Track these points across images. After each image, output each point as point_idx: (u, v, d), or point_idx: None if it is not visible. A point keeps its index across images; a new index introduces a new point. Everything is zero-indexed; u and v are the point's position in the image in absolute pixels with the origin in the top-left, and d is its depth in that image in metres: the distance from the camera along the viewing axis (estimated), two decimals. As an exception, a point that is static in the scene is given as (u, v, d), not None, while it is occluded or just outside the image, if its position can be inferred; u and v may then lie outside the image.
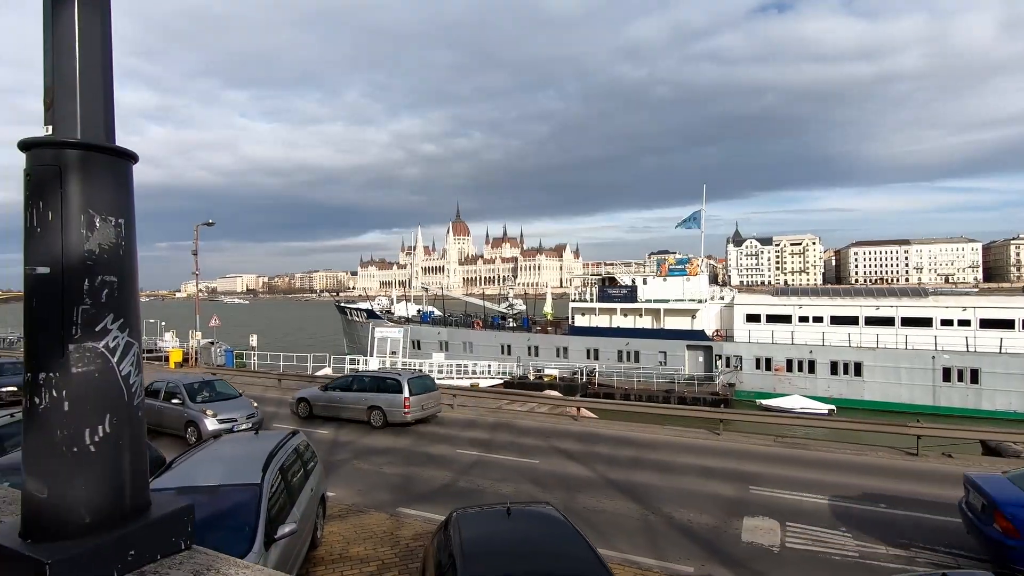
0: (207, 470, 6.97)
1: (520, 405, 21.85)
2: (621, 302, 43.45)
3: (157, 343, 49.36)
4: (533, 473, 12.27)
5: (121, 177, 1.71)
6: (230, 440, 8.50)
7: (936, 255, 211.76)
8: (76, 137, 1.63)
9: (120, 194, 1.69)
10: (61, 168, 1.58)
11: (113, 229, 1.64)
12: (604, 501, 10.37)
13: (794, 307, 37.94)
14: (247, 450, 7.88)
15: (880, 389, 34.44)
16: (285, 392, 23.46)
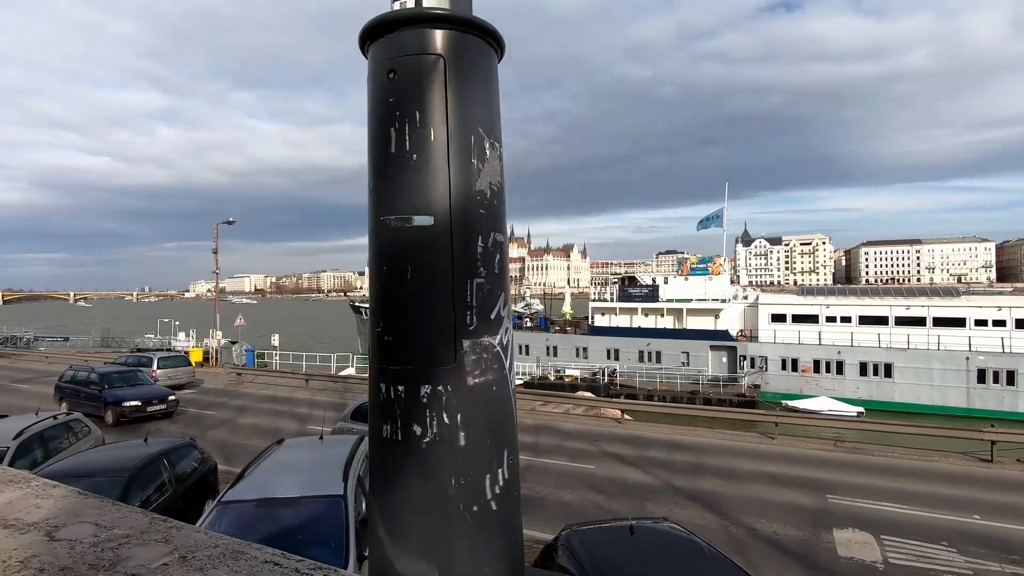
0: (282, 479, 6.43)
1: (554, 407, 21.28)
2: (642, 302, 42.82)
3: (171, 343, 49.15)
4: (590, 479, 11.68)
5: (493, 81, 1.10)
6: (296, 445, 7.95)
7: (948, 255, 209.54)
8: (455, 12, 1.00)
9: (493, 105, 1.08)
10: (445, 61, 0.98)
11: (498, 161, 1.06)
12: (676, 511, 9.77)
13: (821, 307, 37.19)
14: (319, 457, 7.35)
15: (911, 391, 33.66)
16: (315, 393, 22.98)
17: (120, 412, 17.19)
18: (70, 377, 19.48)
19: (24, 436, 9.29)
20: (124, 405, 17.35)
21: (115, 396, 17.59)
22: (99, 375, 18.68)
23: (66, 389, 19.07)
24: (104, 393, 17.74)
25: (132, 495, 7.18)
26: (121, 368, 20.44)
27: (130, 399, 17.58)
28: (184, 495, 8.26)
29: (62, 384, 19.44)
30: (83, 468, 7.51)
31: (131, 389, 18.31)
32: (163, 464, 8.11)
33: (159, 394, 18.48)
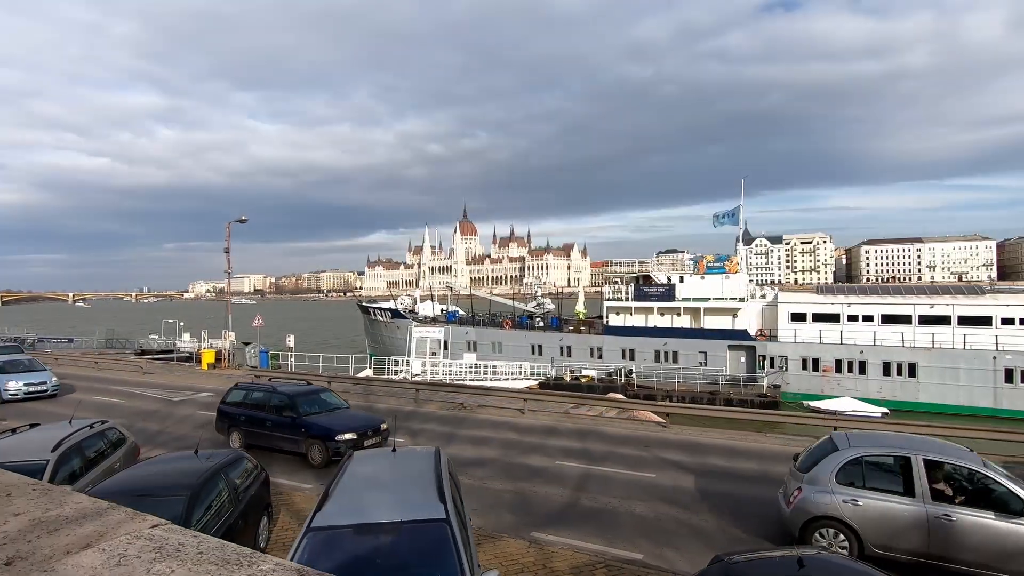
0: (371, 500, 5.75)
1: (588, 409, 20.63)
2: (658, 301, 42.13)
3: (176, 344, 48.37)
4: (657, 489, 11.03)
5: None
6: (370, 459, 7.24)
7: (949, 253, 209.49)
8: None
9: None
10: None
11: None
12: (772, 528, 9.12)
13: (842, 305, 36.57)
14: (401, 472, 6.66)
15: (937, 391, 33.10)
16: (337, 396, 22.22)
17: (334, 449, 12.74)
18: (241, 399, 15.06)
19: (63, 448, 8.59)
20: (339, 440, 12.86)
21: (324, 428, 13.20)
22: (289, 397, 14.13)
23: (239, 416, 14.55)
24: (308, 422, 13.39)
25: (194, 515, 6.50)
26: (307, 388, 15.48)
27: (343, 431, 13.08)
28: (243, 513, 7.59)
29: (230, 409, 14.92)
30: (140, 486, 6.83)
31: (334, 416, 13.96)
32: (221, 479, 7.42)
33: (372, 423, 13.96)
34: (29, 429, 9.61)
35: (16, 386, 21.17)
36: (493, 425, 17.04)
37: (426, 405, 20.43)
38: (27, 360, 23.69)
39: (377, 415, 15.48)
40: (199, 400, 21.55)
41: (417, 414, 18.85)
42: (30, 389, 21.40)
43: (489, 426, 16.91)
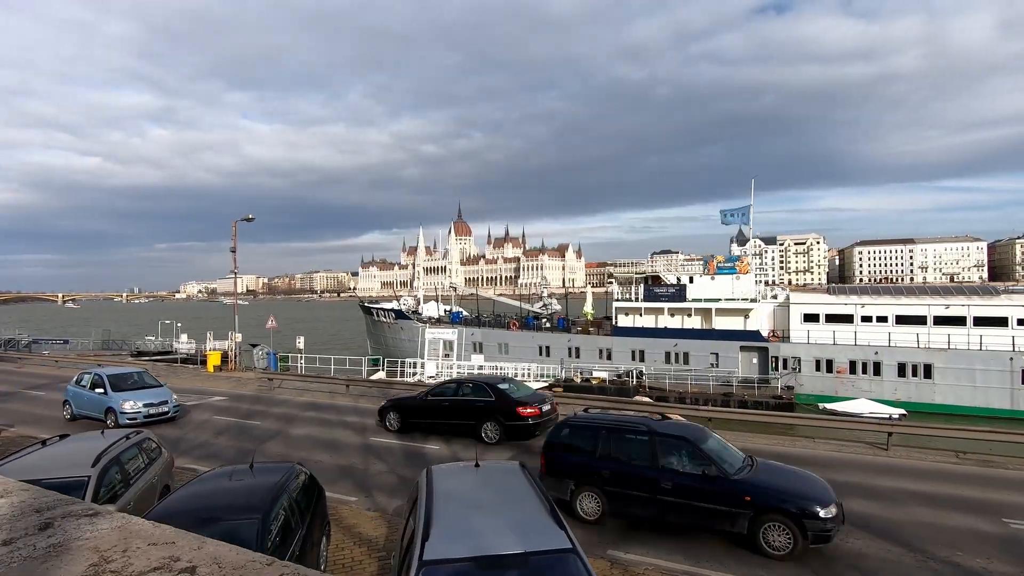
0: (481, 526, 5.11)
1: (616, 412, 20.03)
2: (668, 301, 41.62)
3: (174, 345, 47.34)
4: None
5: None
6: (454, 474, 6.53)
7: (941, 254, 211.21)
8: None
9: None
10: None
11: None
12: (853, 540, 8.58)
13: (855, 306, 36.23)
14: (497, 491, 6.00)
15: (952, 392, 32.83)
16: (357, 399, 21.53)
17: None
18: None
19: (103, 462, 7.87)
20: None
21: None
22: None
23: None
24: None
25: (266, 541, 5.83)
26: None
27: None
28: (307, 533, 6.91)
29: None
30: (203, 507, 6.15)
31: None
32: (286, 496, 6.74)
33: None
34: (59, 440, 8.88)
35: (134, 407, 16.96)
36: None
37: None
38: (138, 373, 19.20)
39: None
40: (214, 404, 20.75)
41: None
42: (150, 411, 17.30)
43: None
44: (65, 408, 18.31)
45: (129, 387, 17.77)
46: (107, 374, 18.13)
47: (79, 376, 18.81)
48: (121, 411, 16.78)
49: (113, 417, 16.79)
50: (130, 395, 17.37)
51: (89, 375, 18.42)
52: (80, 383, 18.34)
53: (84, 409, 17.78)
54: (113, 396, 17.14)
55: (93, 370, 19.11)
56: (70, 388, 18.58)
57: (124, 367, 22.44)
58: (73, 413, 18.04)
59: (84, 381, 18.27)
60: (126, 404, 16.93)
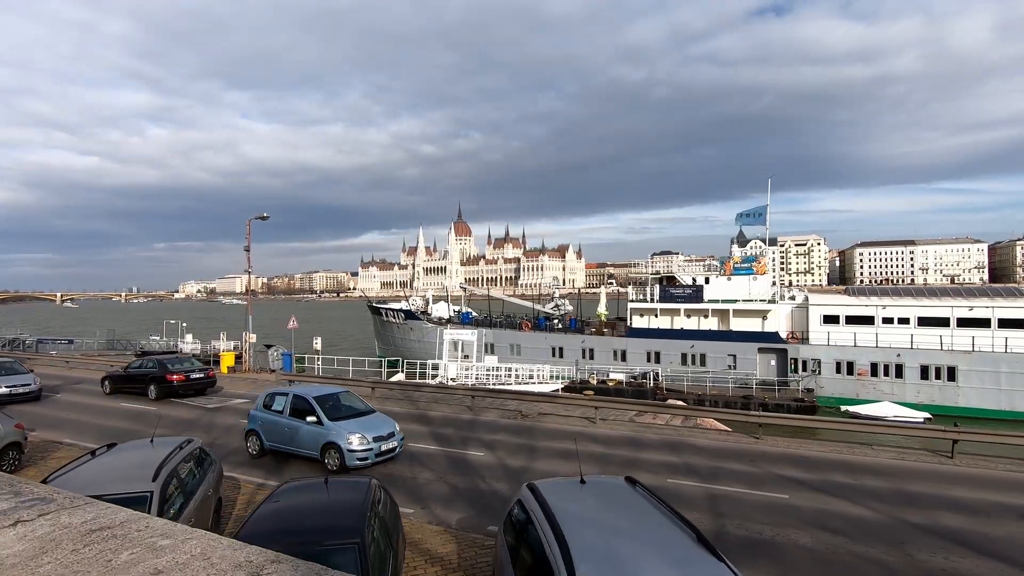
0: (626, 554, 4.54)
1: (652, 417, 19.55)
2: (685, 302, 41.10)
3: (178, 345, 46.72)
4: (804, 514, 9.90)
5: None
6: (567, 489, 5.89)
7: (942, 256, 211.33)
8: None
9: None
10: None
11: None
12: (960, 560, 8.04)
13: (876, 307, 35.77)
14: (629, 510, 5.41)
15: (977, 395, 32.42)
16: (383, 403, 20.90)
17: None
18: None
19: (163, 475, 7.28)
20: None
21: None
22: None
23: None
24: None
25: (367, 569, 5.26)
26: None
27: None
28: (392, 552, 6.34)
29: None
30: (294, 529, 5.58)
31: None
32: (375, 517, 6.16)
33: None
34: (108, 451, 8.29)
35: (365, 444, 12.65)
36: (569, 435, 15.87)
37: (483, 413, 19.19)
38: (341, 393, 14.70)
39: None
40: (236, 407, 20.11)
41: (479, 423, 17.61)
42: (382, 447, 13.09)
43: (565, 437, 15.74)
44: (251, 441, 13.98)
45: (344, 414, 13.56)
46: (314, 395, 13.74)
47: (267, 397, 14.34)
48: (349, 449, 12.47)
49: (337, 457, 12.47)
50: (353, 426, 13.05)
51: (284, 396, 13.98)
52: (271, 407, 13.99)
53: (286, 444, 13.47)
54: (333, 427, 12.85)
55: (290, 390, 14.67)
56: (258, 414, 14.15)
57: (325, 385, 17.55)
58: (263, 446, 13.75)
59: (278, 405, 13.88)
60: (353, 439, 12.61)
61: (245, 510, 10.07)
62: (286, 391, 14.26)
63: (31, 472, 12.05)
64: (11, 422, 12.95)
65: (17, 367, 22.72)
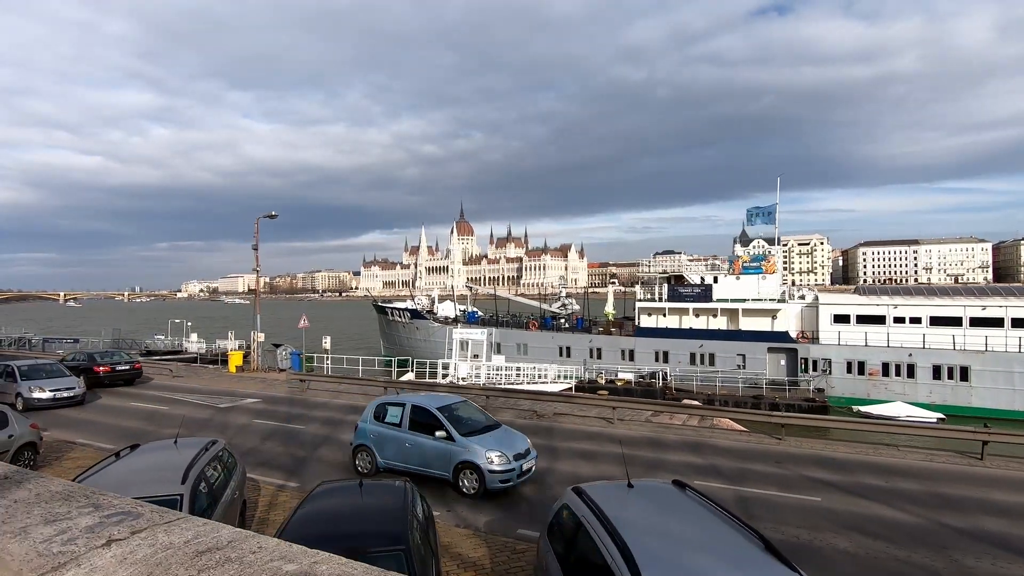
0: (694, 564, 4.32)
1: (669, 417, 19.34)
2: (693, 302, 40.84)
3: (183, 344, 46.62)
4: (840, 517, 9.67)
5: None
6: (618, 494, 5.69)
7: (946, 255, 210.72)
8: None
9: None
10: None
11: None
12: (1008, 567, 7.81)
13: (888, 307, 35.46)
14: (681, 514, 5.18)
15: (990, 395, 32.13)
16: (397, 402, 20.72)
17: None
18: None
19: (192, 478, 7.09)
20: None
21: None
22: None
23: None
24: None
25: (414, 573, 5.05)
26: None
27: None
28: (433, 558, 6.12)
29: None
30: (337, 535, 5.37)
31: None
32: (416, 522, 5.94)
33: None
34: (132, 452, 8.10)
35: (505, 463, 10.76)
36: (588, 436, 15.65)
37: (497, 413, 18.97)
38: (460, 403, 12.86)
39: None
40: (249, 407, 19.93)
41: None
42: (523, 466, 11.19)
43: (585, 438, 15.52)
44: (360, 456, 12.27)
45: (471, 428, 11.66)
46: (436, 405, 11.92)
47: (378, 408, 12.63)
48: (490, 469, 10.57)
49: (475, 479, 10.60)
50: (489, 442, 11.11)
51: (400, 407, 12.19)
52: (385, 419, 12.21)
53: (408, 462, 11.57)
54: (467, 444, 10.94)
55: (405, 399, 12.71)
56: (369, 427, 12.38)
57: (439, 394, 15.52)
58: (377, 464, 11.89)
59: (393, 416, 12.09)
60: (494, 457, 10.73)
61: (268, 512, 9.88)
62: (400, 400, 12.67)
63: (48, 474, 11.85)
64: (26, 422, 12.79)
65: (59, 369, 21.31)
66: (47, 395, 19.43)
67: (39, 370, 20.64)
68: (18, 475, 2.42)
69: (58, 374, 20.83)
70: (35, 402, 19.07)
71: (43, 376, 20.32)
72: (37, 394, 19.24)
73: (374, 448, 12.05)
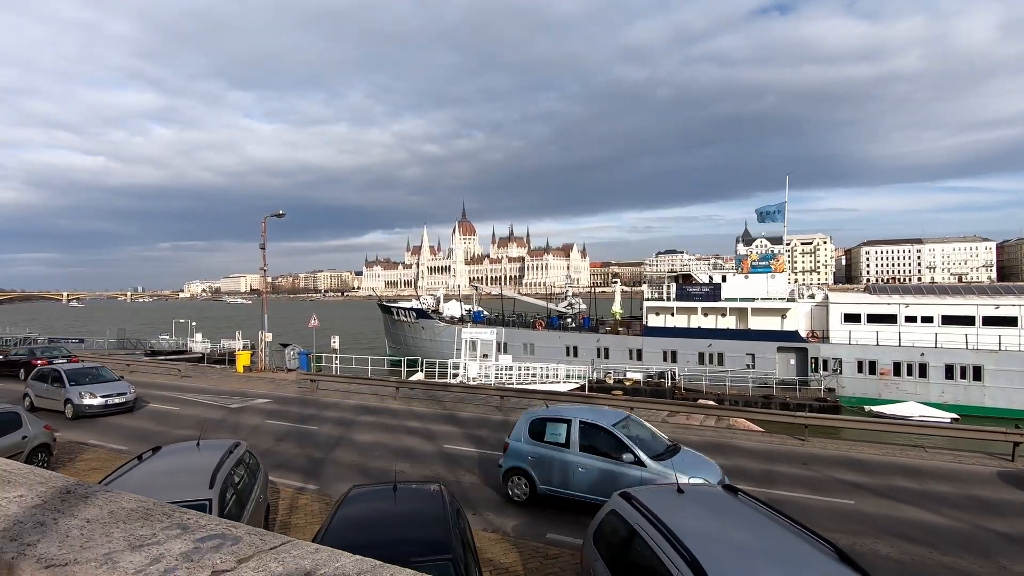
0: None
1: (685, 418, 19.09)
2: (702, 301, 40.54)
3: (188, 344, 46.46)
4: (876, 520, 9.41)
5: None
6: (670, 498, 5.43)
7: (949, 254, 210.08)
8: None
9: None
10: None
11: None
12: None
13: (899, 306, 35.13)
14: (743, 521, 4.92)
15: (1004, 395, 31.80)
16: (409, 402, 20.48)
17: None
18: None
19: (219, 482, 6.84)
20: None
21: None
22: None
23: None
24: None
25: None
26: None
27: None
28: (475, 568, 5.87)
29: None
30: (380, 543, 5.12)
31: None
32: (457, 529, 5.69)
33: None
34: (154, 455, 7.86)
35: None
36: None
37: (512, 414, 18.74)
38: (624, 420, 10.61)
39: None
40: (260, 408, 19.69)
41: (511, 424, 17.05)
42: None
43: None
44: (513, 483, 10.53)
45: (652, 450, 9.78)
46: (611, 422, 10.14)
47: (535, 423, 10.74)
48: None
49: None
50: (687, 468, 9.01)
51: (563, 423, 10.34)
52: (544, 437, 10.43)
53: (582, 491, 9.78)
54: (660, 471, 9.08)
55: (570, 414, 10.74)
56: (525, 447, 10.49)
57: (602, 408, 13.37)
58: (537, 490, 10.27)
59: (556, 434, 10.27)
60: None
61: (289, 515, 9.65)
62: (562, 415, 10.84)
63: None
64: (40, 423, 12.58)
65: (107, 373, 19.62)
66: (98, 401, 17.86)
67: (85, 374, 19.11)
68: (80, 488, 2.18)
69: (107, 378, 19.31)
70: (86, 409, 17.53)
71: (91, 380, 18.71)
72: (88, 400, 17.69)
73: (534, 472, 10.29)
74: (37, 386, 19.00)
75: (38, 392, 18.84)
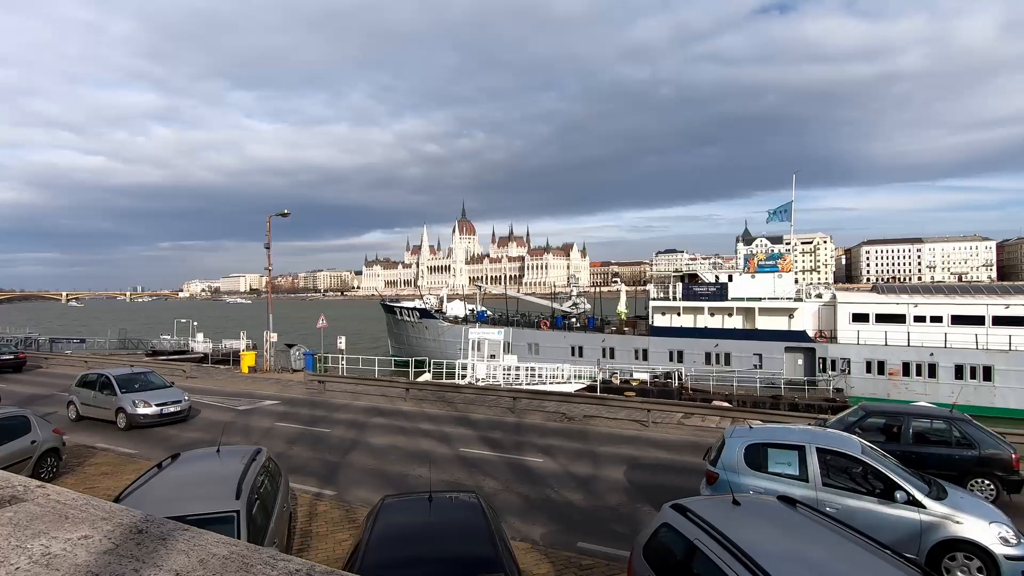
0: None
1: (700, 419, 18.81)
2: (709, 300, 40.28)
3: (189, 344, 46.11)
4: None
5: None
6: (724, 509, 5.16)
7: (949, 253, 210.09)
8: None
9: None
10: None
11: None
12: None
13: (908, 305, 34.88)
14: (806, 533, 4.65)
15: (1015, 396, 31.59)
16: (420, 403, 20.17)
17: None
18: None
19: (246, 491, 6.55)
20: None
21: None
22: None
23: None
24: None
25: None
26: None
27: None
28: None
29: None
30: (429, 559, 4.85)
31: None
32: (500, 541, 5.40)
33: None
34: (173, 462, 7.56)
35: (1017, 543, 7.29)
36: (626, 440, 15.12)
37: (525, 416, 18.45)
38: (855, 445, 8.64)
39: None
40: (269, 409, 19.40)
41: (525, 427, 16.87)
42: None
43: (623, 442, 15.00)
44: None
45: (931, 486, 7.90)
46: (856, 450, 8.16)
47: (751, 449, 8.54)
48: (1006, 554, 6.86)
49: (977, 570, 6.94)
50: (975, 506, 7.63)
51: (791, 450, 8.29)
52: (767, 468, 8.29)
53: None
54: (945, 511, 7.27)
55: (796, 435, 8.69)
56: (739, 480, 8.18)
57: (831, 431, 9.82)
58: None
59: (782, 463, 8.26)
60: (1007, 534, 7.14)
61: (309, 523, 9.36)
62: (791, 440, 8.48)
63: (71, 481, 11.34)
64: (49, 427, 12.26)
65: (156, 379, 18.20)
66: (152, 410, 16.54)
67: (134, 380, 17.62)
68: (154, 526, 1.88)
69: (157, 384, 17.95)
70: (140, 419, 16.28)
71: (140, 387, 17.35)
72: (142, 409, 16.34)
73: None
74: (83, 393, 17.39)
75: (84, 400, 17.28)
